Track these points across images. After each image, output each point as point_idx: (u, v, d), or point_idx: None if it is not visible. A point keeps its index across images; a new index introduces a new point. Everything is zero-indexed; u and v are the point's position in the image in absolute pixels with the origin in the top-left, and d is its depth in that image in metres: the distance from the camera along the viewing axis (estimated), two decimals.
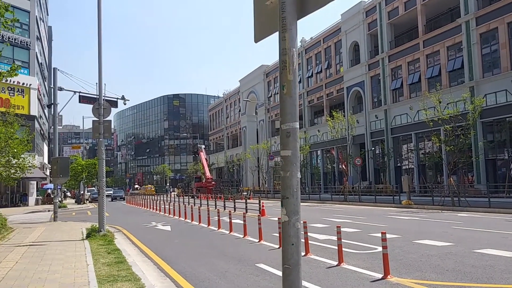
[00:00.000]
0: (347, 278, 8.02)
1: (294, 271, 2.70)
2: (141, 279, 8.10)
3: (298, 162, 2.67)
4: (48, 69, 65.96)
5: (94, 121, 16.79)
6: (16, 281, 8.22)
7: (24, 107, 43.13)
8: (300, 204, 2.72)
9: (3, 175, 21.12)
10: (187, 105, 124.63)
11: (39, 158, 49.20)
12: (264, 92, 62.83)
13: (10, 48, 42.55)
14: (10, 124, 20.86)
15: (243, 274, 8.79)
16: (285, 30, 2.68)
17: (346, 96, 45.07)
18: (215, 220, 18.26)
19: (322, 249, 11.27)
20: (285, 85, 2.66)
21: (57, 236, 16.25)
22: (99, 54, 16.87)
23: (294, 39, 2.70)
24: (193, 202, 35.28)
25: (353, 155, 39.33)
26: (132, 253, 11.96)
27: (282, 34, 2.69)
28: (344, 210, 25.24)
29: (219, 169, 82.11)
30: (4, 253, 11.97)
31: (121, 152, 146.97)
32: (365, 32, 42.40)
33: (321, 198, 36.13)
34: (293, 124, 2.63)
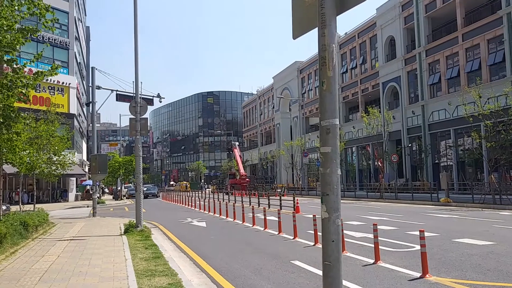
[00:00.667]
0: (384, 277, 7.91)
1: (334, 268, 2.68)
2: (178, 274, 8.23)
3: (338, 159, 2.66)
4: (86, 69, 67.72)
5: (131, 119, 17.12)
6: (59, 274, 8.50)
7: (64, 105, 44.39)
8: (340, 201, 2.71)
9: (45, 171, 21.77)
10: (221, 102, 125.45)
11: (78, 155, 50.60)
12: (298, 89, 62.54)
13: (50, 48, 43.88)
14: (51, 122, 21.48)
15: (279, 270, 8.80)
16: (324, 26, 2.67)
17: (382, 91, 44.34)
18: (250, 217, 18.33)
19: (358, 247, 11.16)
20: (324, 81, 2.65)
21: (96, 231, 16.68)
22: (135, 54, 17.18)
23: (333, 35, 2.68)
24: (228, 198, 35.52)
25: (389, 151, 38.68)
26: (168, 248, 12.15)
27: (322, 30, 2.68)
28: (380, 208, 24.88)
29: (253, 166, 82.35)
30: (47, 247, 12.39)
31: (156, 149, 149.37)
32: (401, 26, 41.57)
33: (356, 196, 35.73)
34: (333, 120, 2.62)
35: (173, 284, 7.38)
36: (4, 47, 8.30)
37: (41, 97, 41.94)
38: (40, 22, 9.27)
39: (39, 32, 9.41)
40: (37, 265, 9.50)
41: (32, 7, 9.00)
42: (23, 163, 18.69)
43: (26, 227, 14.43)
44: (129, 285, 7.36)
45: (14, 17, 8.65)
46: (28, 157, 19.15)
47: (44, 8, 9.04)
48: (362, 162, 48.89)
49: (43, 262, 9.87)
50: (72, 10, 48.09)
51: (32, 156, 19.55)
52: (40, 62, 39.48)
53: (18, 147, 15.05)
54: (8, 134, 10.25)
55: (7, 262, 9.82)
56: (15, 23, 8.62)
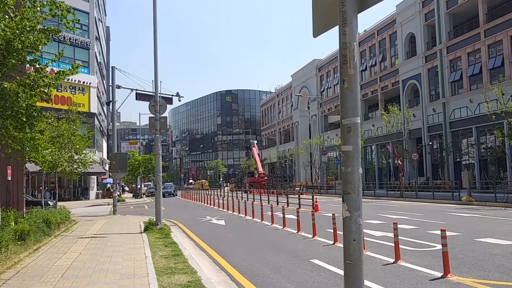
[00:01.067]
0: (404, 276, 7.83)
1: (356, 267, 2.66)
2: (197, 272, 8.29)
3: (359, 157, 2.64)
4: (107, 68, 68.51)
5: (150, 117, 17.28)
6: (81, 271, 8.64)
7: (84, 104, 45.00)
8: (361, 200, 2.69)
9: (67, 170, 22.09)
10: (240, 101, 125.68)
11: (99, 153, 51.25)
12: (317, 87, 62.27)
13: (71, 48, 44.54)
14: (73, 121, 21.78)
15: (298, 269, 8.79)
16: (345, 24, 2.65)
17: (402, 89, 43.85)
18: (269, 215, 18.34)
19: (378, 245, 11.07)
20: (345, 80, 2.63)
21: (117, 229, 16.88)
22: (154, 53, 17.33)
23: (354, 33, 2.66)
24: (246, 197, 35.58)
25: (409, 150, 38.25)
26: (188, 246, 12.24)
27: (343, 29, 2.66)
28: (400, 207, 24.64)
29: (271, 164, 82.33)
30: (69, 244, 12.59)
31: (176, 148, 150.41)
32: (421, 23, 41.03)
33: (376, 194, 35.43)
34: (354, 119, 2.60)
35: (193, 282, 7.43)
36: (27, 47, 8.44)
37: (62, 96, 42.59)
38: (62, 23, 9.39)
39: (60, 32, 9.55)
40: (59, 262, 9.67)
41: (54, 8, 9.13)
42: (45, 162, 19.00)
43: (49, 225, 14.68)
44: (149, 282, 7.44)
45: (36, 18, 8.79)
46: (51, 155, 19.45)
47: (65, 9, 9.16)
48: (382, 161, 48.46)
49: (65, 259, 10.03)
50: (92, 10, 48.71)
51: (54, 154, 19.85)
52: (62, 62, 40.10)
53: (41, 146, 15.31)
54: (31, 133, 10.43)
55: (31, 259, 10.01)
56: (37, 24, 8.76)
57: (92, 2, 48.71)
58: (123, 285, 7.30)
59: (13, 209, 14.29)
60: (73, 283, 7.52)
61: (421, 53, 40.94)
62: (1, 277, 8.02)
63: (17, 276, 8.20)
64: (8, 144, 10.53)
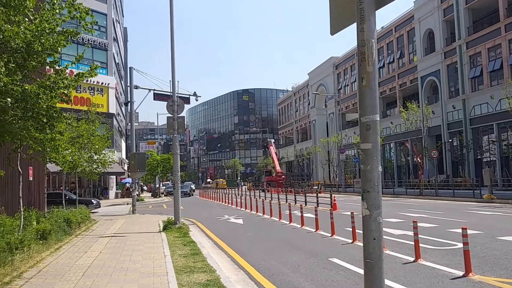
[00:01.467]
0: (425, 275, 7.75)
1: (376, 266, 2.64)
2: (216, 271, 8.32)
3: (379, 155, 2.61)
4: (124, 69, 69.18)
5: (168, 117, 17.39)
6: (101, 269, 8.74)
7: (103, 105, 45.49)
8: (381, 198, 2.66)
9: (86, 170, 22.36)
10: (256, 99, 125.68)
11: (118, 153, 51.78)
12: (334, 85, 61.94)
13: (90, 50, 45.03)
14: (92, 122, 22.04)
15: (316, 268, 8.75)
16: (363, 21, 2.62)
17: (421, 86, 43.34)
18: (287, 214, 18.30)
19: (397, 244, 10.96)
20: (364, 77, 2.61)
21: (136, 228, 17.04)
22: (172, 54, 17.43)
23: (372, 30, 2.64)
24: (264, 195, 35.58)
25: (428, 147, 37.80)
26: (206, 245, 12.28)
27: (360, 26, 2.64)
28: (419, 205, 24.37)
29: (289, 163, 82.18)
30: (89, 243, 12.76)
31: (193, 147, 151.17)
32: (440, 18, 40.48)
33: (395, 192, 35.10)
34: (373, 116, 2.57)
35: (212, 280, 7.45)
36: (46, 49, 8.57)
37: (81, 97, 43.13)
38: (80, 25, 9.51)
39: (79, 34, 9.67)
40: (80, 260, 9.80)
41: (72, 11, 9.25)
42: (66, 162, 19.26)
43: (70, 224, 14.89)
44: (168, 281, 7.49)
45: (55, 20, 8.92)
46: (71, 156, 19.71)
47: (84, 11, 9.27)
48: (401, 158, 47.98)
49: (86, 258, 10.17)
50: (110, 12, 49.20)
51: (74, 155, 20.12)
52: (80, 63, 40.65)
53: (61, 146, 15.54)
54: (52, 133, 10.58)
55: (52, 258, 10.16)
56: (56, 26, 8.88)
57: (109, 4, 49.20)
58: (143, 284, 7.36)
59: (35, 209, 14.53)
60: (94, 282, 7.62)
61: (440, 49, 40.40)
62: (24, 276, 8.16)
63: (39, 274, 8.34)
64: (29, 145, 10.71)
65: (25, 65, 8.35)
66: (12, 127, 8.86)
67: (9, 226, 10.16)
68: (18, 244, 9.32)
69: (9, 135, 9.06)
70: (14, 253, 9.03)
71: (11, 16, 7.83)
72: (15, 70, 7.96)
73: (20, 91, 7.79)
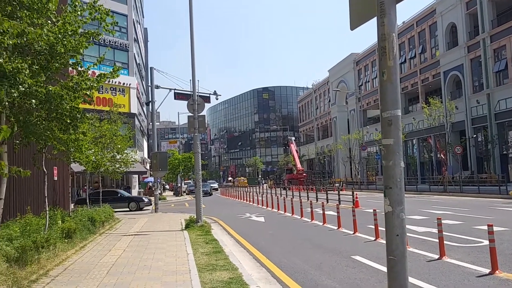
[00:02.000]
0: (450, 273, 7.62)
1: (399, 262, 2.61)
2: (238, 268, 8.34)
3: (401, 151, 2.58)
4: (145, 69, 69.80)
5: (189, 116, 17.51)
6: (125, 267, 8.85)
7: (125, 105, 45.98)
8: (404, 194, 2.63)
9: (109, 169, 22.64)
10: (277, 97, 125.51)
11: (140, 153, 52.31)
12: (355, 81, 61.41)
13: (111, 51, 45.51)
14: (114, 122, 22.30)
15: (339, 266, 8.70)
16: (383, 15, 2.59)
17: (443, 81, 42.63)
18: (308, 212, 18.24)
19: (421, 241, 10.82)
20: (385, 72, 2.57)
21: (159, 226, 17.20)
22: (192, 54, 17.50)
23: (393, 24, 2.60)
24: (285, 193, 35.53)
25: (452, 143, 37.15)
26: (228, 243, 12.33)
27: (381, 20, 2.60)
28: (444, 202, 24.00)
29: (309, 160, 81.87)
30: (113, 241, 12.93)
31: (214, 146, 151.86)
32: (463, 12, 39.72)
33: (418, 189, 34.65)
34: (394, 111, 2.54)
35: (234, 278, 7.47)
36: (69, 51, 8.70)
37: (103, 98, 43.66)
38: (101, 26, 9.62)
39: (100, 35, 9.80)
40: (104, 258, 9.94)
41: (93, 12, 9.38)
42: (89, 162, 19.54)
43: (94, 223, 15.12)
44: (191, 278, 7.54)
45: (77, 22, 9.05)
46: (94, 155, 19.99)
47: (104, 12, 9.39)
48: (424, 155, 47.31)
49: (110, 256, 10.31)
50: (130, 13, 49.69)
51: (97, 154, 20.39)
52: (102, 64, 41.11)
53: (84, 146, 15.76)
54: (75, 134, 10.75)
55: (77, 256, 10.34)
56: (78, 27, 9.02)
57: (130, 5, 49.69)
58: (166, 282, 7.42)
59: (60, 208, 14.80)
60: (118, 280, 7.72)
61: (463, 43, 39.65)
62: (50, 274, 8.32)
63: (65, 272, 8.49)
64: (53, 145, 10.90)
65: (48, 67, 8.49)
66: (37, 128, 9.02)
67: (35, 225, 10.36)
68: (44, 243, 9.51)
69: (34, 136, 9.23)
70: (41, 251, 9.21)
71: (34, 19, 7.97)
72: (39, 72, 8.10)
73: (44, 93, 7.92)
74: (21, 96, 7.79)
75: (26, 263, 8.35)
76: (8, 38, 6.67)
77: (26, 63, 7.58)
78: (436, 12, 43.42)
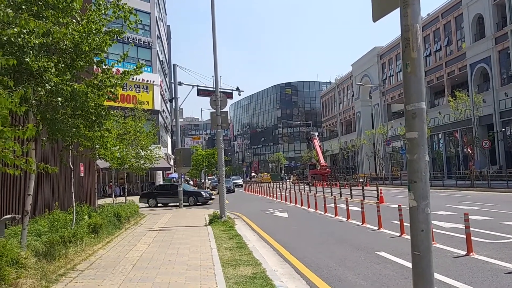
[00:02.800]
0: (477, 269, 7.48)
1: (425, 258, 2.56)
2: (261, 264, 8.34)
3: (425, 144, 2.52)
4: (168, 66, 70.34)
5: (212, 112, 17.55)
6: (150, 262, 8.96)
7: (149, 102, 46.46)
8: (429, 189, 2.57)
9: (134, 166, 22.92)
10: (299, 93, 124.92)
11: (164, 149, 52.84)
12: (378, 75, 60.63)
13: (134, 48, 46.06)
14: (138, 119, 22.56)
15: (363, 262, 8.62)
16: (407, 6, 2.53)
17: (470, 74, 41.72)
18: (332, 207, 18.13)
19: (448, 237, 10.64)
20: (408, 64, 2.52)
21: (183, 222, 17.35)
22: (214, 50, 17.56)
23: (417, 15, 2.54)
24: (309, 189, 35.40)
25: (479, 137, 36.38)
26: (252, 238, 12.35)
27: (404, 10, 2.55)
28: (471, 197, 23.55)
29: (333, 155, 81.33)
30: (138, 237, 13.10)
31: (237, 142, 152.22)
32: (490, 2, 38.74)
33: (444, 184, 34.08)
34: (419, 104, 2.49)
35: (258, 273, 7.48)
36: (93, 49, 8.82)
37: (128, 95, 44.21)
38: (125, 24, 9.72)
39: (124, 33, 9.90)
40: (130, 253, 10.08)
41: (117, 11, 9.48)
42: (114, 158, 19.82)
43: (119, 218, 15.35)
44: (215, 273, 7.58)
45: (101, 20, 9.17)
46: (119, 152, 20.26)
47: (128, 11, 9.47)
48: (450, 149, 46.47)
49: (135, 251, 10.45)
50: (153, 10, 50.13)
51: (122, 151, 20.65)
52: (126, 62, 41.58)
53: (110, 143, 15.97)
54: (100, 131, 10.90)
55: (104, 251, 10.51)
56: (102, 26, 9.13)
57: (152, 3, 50.13)
58: (190, 276, 7.48)
59: (86, 204, 15.06)
60: (143, 274, 7.82)
61: (491, 35, 38.70)
62: (77, 268, 8.48)
63: (92, 267, 8.64)
64: (79, 142, 11.08)
65: (73, 65, 8.63)
66: (63, 125, 9.20)
67: (62, 220, 10.57)
68: (71, 238, 9.69)
69: (60, 133, 9.41)
70: (68, 246, 9.40)
71: (59, 18, 8.10)
72: (65, 70, 8.24)
73: (70, 91, 8.06)
74: (47, 94, 7.94)
75: (54, 257, 8.53)
76: (34, 38, 6.80)
77: (52, 62, 7.72)
78: (462, 4, 42.48)
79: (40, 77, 7.69)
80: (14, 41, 6.65)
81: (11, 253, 6.75)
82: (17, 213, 10.23)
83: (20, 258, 6.93)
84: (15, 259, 6.80)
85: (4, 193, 10.32)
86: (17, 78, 7.44)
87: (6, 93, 4.32)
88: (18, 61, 7.10)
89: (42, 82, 7.73)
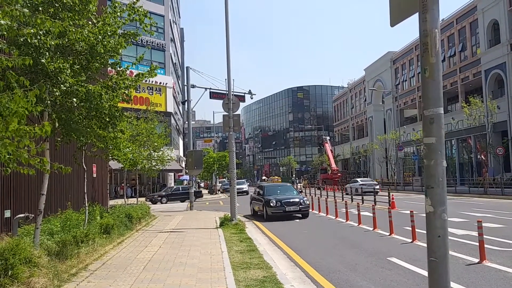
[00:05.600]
0: (490, 277, 7.38)
1: (441, 264, 2.53)
2: (272, 267, 8.33)
3: (443, 149, 2.51)
4: (181, 68, 70.70)
5: (224, 115, 17.60)
6: (161, 264, 8.98)
7: (161, 104, 46.73)
8: (446, 194, 2.55)
9: (146, 167, 23.05)
10: (311, 97, 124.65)
11: (176, 151, 53.04)
12: (391, 80, 60.28)
13: (148, 51, 46.41)
14: (151, 121, 22.71)
15: (375, 267, 8.56)
16: (426, 11, 2.52)
17: (484, 80, 41.30)
18: (343, 212, 18.04)
19: (460, 245, 10.51)
20: (427, 68, 2.51)
21: (194, 224, 17.38)
22: (227, 53, 17.59)
23: (436, 20, 2.53)
24: (320, 193, 35.27)
25: (493, 144, 35.97)
26: (262, 242, 12.33)
27: (423, 15, 2.53)
28: (484, 204, 23.27)
29: (344, 160, 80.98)
30: (149, 238, 13.15)
31: (248, 145, 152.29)
32: (505, 8, 38.37)
33: (457, 191, 33.72)
34: (437, 109, 2.47)
35: (268, 277, 7.47)
36: (108, 51, 8.92)
37: (141, 97, 44.50)
38: (140, 27, 9.81)
39: (139, 36, 9.99)
40: (141, 254, 10.12)
41: (132, 13, 9.58)
42: (127, 159, 19.95)
43: (131, 219, 15.43)
44: (226, 276, 7.58)
45: (116, 23, 9.26)
46: (131, 153, 20.40)
47: (142, 13, 9.57)
48: (463, 156, 46.01)
49: (146, 252, 10.49)
50: (167, 13, 50.47)
51: (134, 152, 20.80)
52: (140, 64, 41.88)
53: (122, 144, 16.11)
54: (114, 132, 11.00)
55: (115, 252, 10.56)
56: (117, 28, 9.22)
57: (166, 6, 50.47)
58: (201, 279, 7.49)
59: (98, 204, 15.17)
60: (154, 275, 7.84)
61: (506, 41, 38.29)
62: (89, 268, 8.53)
63: (103, 267, 8.69)
64: (93, 143, 11.18)
65: (88, 67, 8.72)
66: (78, 126, 9.29)
67: (75, 220, 10.66)
68: (83, 238, 9.77)
69: (75, 133, 9.50)
70: (80, 246, 9.47)
71: (76, 20, 8.20)
72: (80, 72, 8.33)
73: (85, 92, 8.14)
74: (62, 94, 8.03)
75: (66, 257, 8.60)
76: (50, 39, 6.88)
77: (67, 63, 7.81)
78: (477, 9, 42.12)
79: (55, 78, 7.78)
80: (30, 42, 6.74)
81: (24, 251, 6.82)
82: (31, 212, 10.35)
83: (33, 257, 7.00)
84: (28, 258, 6.87)
85: (18, 192, 10.44)
86: (33, 79, 7.53)
87: (21, 92, 4.37)
88: (34, 62, 7.20)
89: (58, 83, 7.83)
